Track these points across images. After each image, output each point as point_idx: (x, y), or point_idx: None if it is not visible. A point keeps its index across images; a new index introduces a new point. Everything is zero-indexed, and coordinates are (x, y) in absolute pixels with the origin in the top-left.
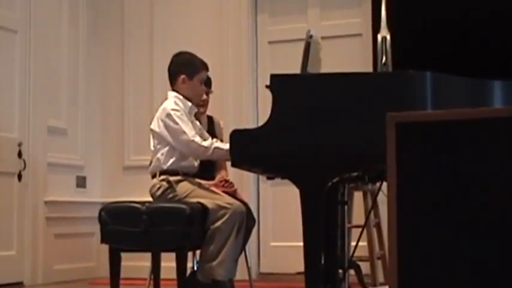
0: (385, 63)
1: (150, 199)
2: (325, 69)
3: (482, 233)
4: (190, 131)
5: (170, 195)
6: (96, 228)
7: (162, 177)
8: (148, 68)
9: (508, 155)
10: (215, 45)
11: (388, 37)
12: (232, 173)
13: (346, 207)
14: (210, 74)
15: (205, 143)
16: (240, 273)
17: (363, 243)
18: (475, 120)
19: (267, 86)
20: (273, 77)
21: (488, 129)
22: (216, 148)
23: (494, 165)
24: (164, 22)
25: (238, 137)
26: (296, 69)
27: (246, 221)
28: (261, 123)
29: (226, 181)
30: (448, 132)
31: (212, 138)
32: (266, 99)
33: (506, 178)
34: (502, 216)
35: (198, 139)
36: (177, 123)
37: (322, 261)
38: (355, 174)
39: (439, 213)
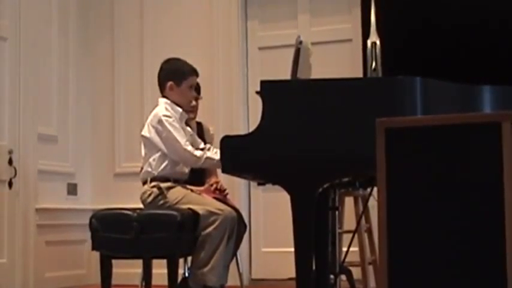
0: (374, 69)
1: (141, 206)
2: (315, 75)
3: (472, 235)
4: (182, 138)
5: (161, 202)
6: (87, 235)
7: (153, 183)
8: (139, 75)
9: (495, 159)
10: (205, 52)
11: (378, 42)
12: (223, 179)
13: (337, 212)
14: (200, 80)
15: (198, 153)
16: (232, 279)
17: (354, 248)
18: (464, 125)
19: (257, 92)
20: (263, 83)
21: (476, 134)
22: (208, 158)
23: (483, 169)
24: (154, 29)
25: (228, 143)
26: (286, 75)
27: (237, 227)
28: (251, 130)
29: (217, 188)
30: (437, 137)
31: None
32: (256, 105)
33: (494, 181)
34: (491, 219)
35: (190, 148)
36: (169, 131)
37: (314, 267)
38: (346, 179)
39: (429, 217)
